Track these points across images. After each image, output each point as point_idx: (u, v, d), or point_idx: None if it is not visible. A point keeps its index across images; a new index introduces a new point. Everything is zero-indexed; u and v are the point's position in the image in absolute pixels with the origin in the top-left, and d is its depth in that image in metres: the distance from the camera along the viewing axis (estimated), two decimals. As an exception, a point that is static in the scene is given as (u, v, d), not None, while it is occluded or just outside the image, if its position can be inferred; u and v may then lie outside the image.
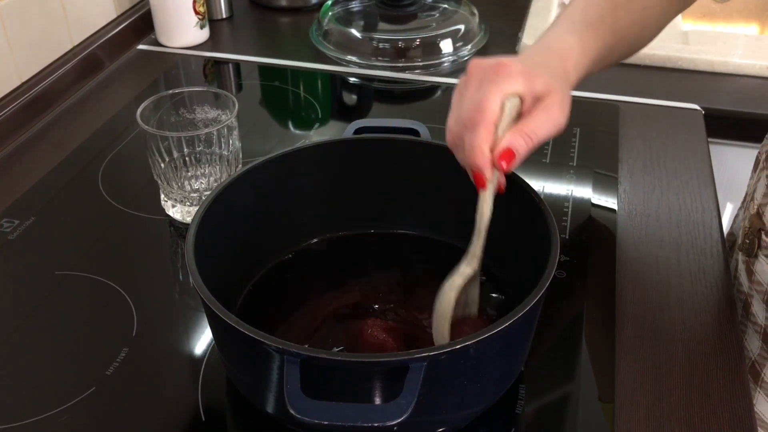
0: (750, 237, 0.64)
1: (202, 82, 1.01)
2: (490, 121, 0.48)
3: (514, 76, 0.49)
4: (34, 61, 0.90)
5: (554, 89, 0.51)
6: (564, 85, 0.53)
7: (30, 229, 0.71)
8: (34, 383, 0.56)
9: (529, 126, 0.49)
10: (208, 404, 0.54)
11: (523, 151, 0.49)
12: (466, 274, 0.51)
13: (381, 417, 0.40)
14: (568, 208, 0.73)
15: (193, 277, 0.48)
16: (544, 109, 0.50)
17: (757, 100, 0.93)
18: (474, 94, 0.50)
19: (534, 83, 0.50)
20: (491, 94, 0.48)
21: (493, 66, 0.50)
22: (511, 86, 0.49)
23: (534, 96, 0.50)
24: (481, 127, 0.48)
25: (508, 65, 0.50)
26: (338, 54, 1.02)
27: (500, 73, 0.49)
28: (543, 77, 0.50)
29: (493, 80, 0.49)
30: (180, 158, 0.69)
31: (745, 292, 0.65)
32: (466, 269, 0.51)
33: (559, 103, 0.51)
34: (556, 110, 0.50)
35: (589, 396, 0.55)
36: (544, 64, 0.53)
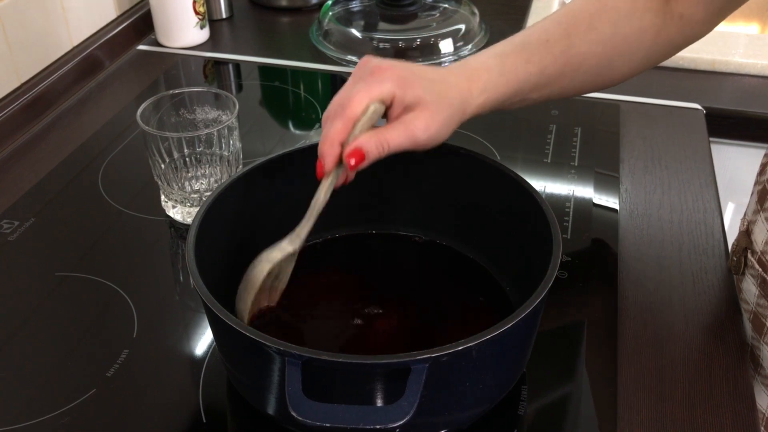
0: (737, 255, 0.64)
1: (202, 82, 1.01)
2: (349, 117, 0.50)
3: (386, 80, 0.50)
4: (33, 62, 0.89)
5: (426, 104, 0.51)
6: (445, 104, 0.52)
7: (30, 230, 0.71)
8: (35, 385, 0.56)
9: (385, 134, 0.50)
10: (208, 406, 0.54)
11: (372, 155, 0.50)
12: (286, 251, 0.53)
13: (383, 419, 0.40)
14: (570, 208, 0.73)
15: (193, 278, 0.47)
16: (404, 122, 0.51)
17: (758, 99, 0.93)
18: (348, 89, 0.52)
19: (406, 92, 0.51)
20: (359, 94, 0.50)
21: (372, 67, 0.52)
22: (379, 89, 0.50)
23: (403, 105, 0.51)
24: (338, 121, 0.50)
25: (386, 69, 0.51)
26: (338, 54, 1.02)
27: (375, 75, 0.51)
28: (419, 89, 0.51)
29: (367, 81, 0.51)
30: (180, 159, 0.68)
31: None
32: (287, 246, 0.53)
33: (426, 119, 0.51)
34: (418, 126, 0.51)
35: (591, 397, 0.54)
36: (436, 78, 0.53)
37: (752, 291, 0.62)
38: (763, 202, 0.61)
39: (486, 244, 0.61)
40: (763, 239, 0.60)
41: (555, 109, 0.89)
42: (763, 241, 0.60)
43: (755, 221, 0.62)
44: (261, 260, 0.53)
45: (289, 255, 0.53)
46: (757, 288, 0.61)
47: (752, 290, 0.62)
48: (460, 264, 0.62)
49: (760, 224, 0.60)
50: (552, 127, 0.86)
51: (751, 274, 0.62)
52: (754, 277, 0.61)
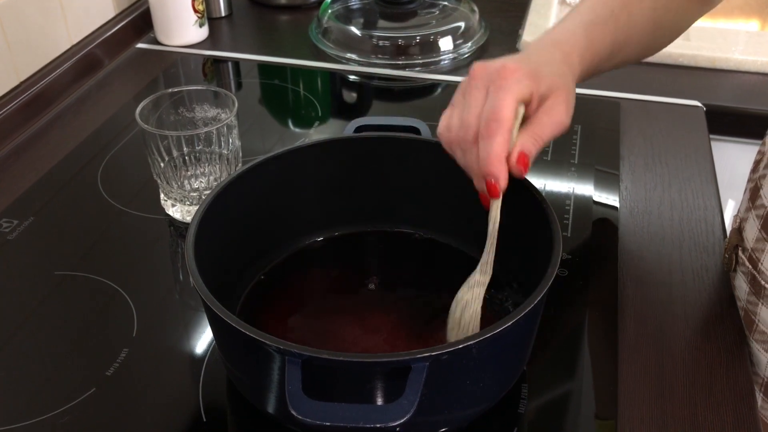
0: (729, 252, 0.64)
1: (202, 80, 1.00)
2: (507, 129, 0.48)
3: (523, 79, 0.49)
4: (32, 61, 0.89)
5: (558, 88, 0.51)
6: (568, 81, 0.53)
7: (29, 229, 0.70)
8: (34, 384, 0.56)
9: (536, 128, 0.50)
10: (208, 405, 0.54)
11: (533, 153, 0.50)
12: (484, 283, 0.51)
13: (383, 418, 0.40)
14: (570, 206, 0.73)
15: (193, 277, 0.47)
16: (547, 112, 0.51)
17: (758, 96, 0.93)
18: (482, 100, 0.49)
19: (540, 85, 0.50)
20: (506, 100, 0.48)
21: (499, 70, 0.49)
22: (521, 90, 0.49)
23: (540, 97, 0.50)
24: (498, 136, 0.48)
25: (514, 69, 0.49)
26: (338, 52, 1.02)
27: (509, 77, 0.49)
28: (547, 77, 0.51)
29: (503, 86, 0.48)
30: (179, 157, 0.68)
31: None
32: (482, 279, 0.51)
33: (563, 103, 0.51)
34: (560, 111, 0.51)
35: (592, 395, 0.54)
36: (547, 61, 0.53)
37: (743, 288, 0.62)
38: (755, 199, 0.61)
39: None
40: (753, 236, 0.60)
41: (555, 106, 0.89)
42: (754, 238, 0.60)
43: (747, 218, 0.62)
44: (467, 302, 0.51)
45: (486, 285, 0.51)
46: (747, 285, 0.61)
47: (743, 287, 0.62)
48: (460, 262, 0.62)
49: (751, 221, 0.61)
50: (552, 125, 0.85)
51: (742, 271, 0.62)
52: (745, 274, 0.61)
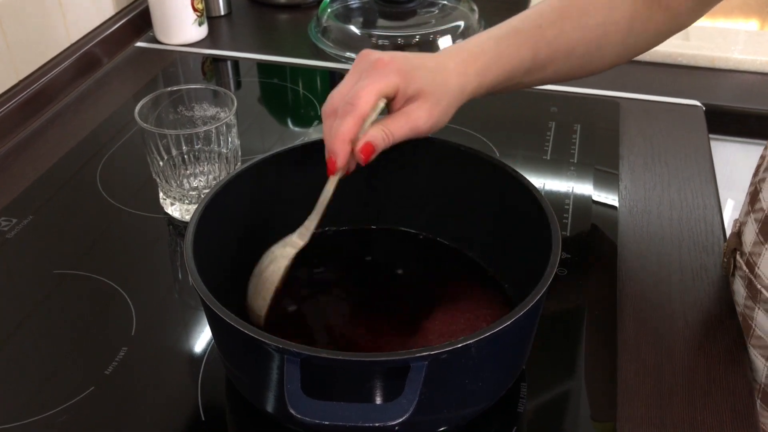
0: (727, 256, 0.64)
1: (201, 79, 1.00)
2: (359, 115, 0.51)
3: (389, 73, 0.51)
4: (31, 59, 0.89)
5: (427, 95, 0.52)
6: (445, 91, 0.53)
7: (28, 228, 0.70)
8: (33, 383, 0.56)
9: (391, 125, 0.52)
10: (207, 404, 0.53)
11: (380, 146, 0.51)
12: (298, 245, 0.54)
13: (382, 417, 0.40)
14: (569, 205, 0.73)
15: (192, 276, 0.47)
16: (406, 113, 0.52)
17: (757, 95, 0.93)
18: (353, 84, 0.52)
19: (408, 84, 0.52)
20: (367, 89, 0.51)
21: (374, 61, 0.52)
22: (383, 83, 0.51)
23: (406, 96, 0.52)
24: (349, 119, 0.51)
25: (387, 63, 0.52)
26: (337, 51, 1.02)
27: (379, 69, 0.52)
28: (420, 80, 0.52)
29: (371, 76, 0.52)
30: (179, 156, 0.68)
31: None
32: (298, 241, 0.54)
33: (427, 109, 0.52)
34: (419, 116, 0.52)
35: (590, 394, 0.54)
36: (432, 67, 0.54)
37: (741, 292, 0.62)
38: (754, 203, 0.61)
39: (485, 241, 0.61)
40: (751, 240, 0.60)
41: (554, 106, 0.89)
42: (752, 242, 0.60)
43: (746, 222, 0.61)
44: (276, 257, 0.53)
45: (300, 248, 0.54)
46: (744, 289, 0.61)
47: (741, 292, 0.62)
48: (459, 261, 0.62)
49: (749, 225, 0.60)
50: (551, 124, 0.85)
51: (740, 275, 0.62)
52: (743, 278, 0.61)
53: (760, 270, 0.59)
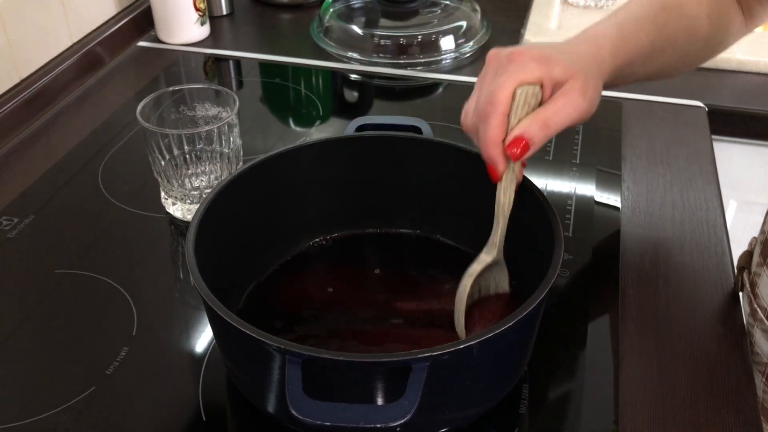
0: (739, 273, 0.64)
1: (203, 79, 1.00)
2: (500, 112, 0.48)
3: (527, 63, 0.48)
4: (33, 58, 0.89)
5: (575, 74, 0.49)
6: (591, 70, 0.51)
7: (29, 228, 0.70)
8: (34, 383, 0.55)
9: (545, 113, 0.48)
10: (208, 404, 0.53)
11: (537, 138, 0.48)
12: (484, 262, 0.52)
13: (384, 418, 0.40)
14: (572, 206, 0.73)
15: (193, 276, 0.47)
16: (563, 95, 0.49)
17: (760, 96, 0.92)
18: (489, 85, 0.49)
19: (551, 69, 0.49)
20: (503, 84, 0.48)
21: (508, 55, 0.49)
22: (524, 74, 0.48)
23: (553, 82, 0.49)
24: (491, 119, 0.48)
25: (522, 53, 0.49)
26: (339, 51, 1.02)
27: (513, 61, 0.49)
28: (562, 63, 0.49)
29: (506, 69, 0.48)
30: (180, 156, 0.68)
31: None
32: (485, 257, 0.52)
33: (581, 87, 0.49)
34: (576, 95, 0.49)
35: (592, 395, 0.54)
36: (569, 51, 0.52)
37: (746, 309, 0.62)
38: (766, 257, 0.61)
39: (487, 242, 0.61)
40: (756, 260, 0.60)
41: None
42: (756, 262, 0.60)
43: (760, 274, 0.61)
44: (463, 278, 0.52)
45: (488, 265, 0.52)
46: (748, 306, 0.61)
47: (746, 308, 0.62)
48: (461, 262, 0.62)
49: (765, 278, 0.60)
50: (553, 125, 0.85)
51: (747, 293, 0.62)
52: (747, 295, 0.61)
53: (759, 289, 0.59)
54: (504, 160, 0.49)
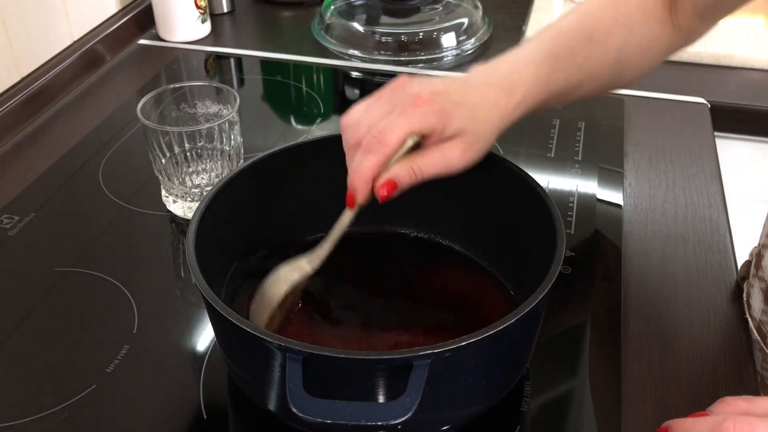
0: (742, 282, 0.64)
1: (204, 76, 1.00)
2: (384, 154, 0.48)
3: (429, 115, 0.48)
4: (34, 57, 0.89)
5: (465, 134, 0.50)
6: (486, 128, 0.51)
7: (30, 226, 0.70)
8: (35, 381, 0.55)
9: (418, 162, 0.49)
10: (209, 402, 0.53)
11: (405, 183, 0.49)
12: (304, 271, 0.52)
13: (385, 415, 0.40)
14: (573, 203, 0.72)
15: (194, 274, 0.47)
16: (441, 150, 0.49)
17: (763, 93, 0.92)
18: (384, 114, 0.49)
19: (446, 126, 0.49)
20: (398, 128, 0.48)
21: (414, 95, 0.49)
22: (421, 125, 0.48)
23: (440, 137, 0.49)
24: (373, 157, 0.48)
25: (426, 102, 0.48)
26: (340, 48, 1.01)
27: (417, 107, 0.48)
28: (459, 120, 0.49)
29: (405, 112, 0.48)
30: (181, 153, 0.68)
31: None
32: (306, 266, 0.52)
33: (463, 149, 0.50)
34: (454, 154, 0.50)
35: (594, 393, 0.54)
36: (472, 105, 0.51)
37: None
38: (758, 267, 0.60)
39: (489, 239, 0.60)
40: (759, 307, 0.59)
41: (558, 103, 0.89)
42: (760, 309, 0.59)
43: (753, 285, 0.61)
44: (279, 279, 0.52)
45: (306, 276, 0.52)
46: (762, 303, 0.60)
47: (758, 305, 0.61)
48: (463, 260, 0.62)
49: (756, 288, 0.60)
50: (555, 122, 0.85)
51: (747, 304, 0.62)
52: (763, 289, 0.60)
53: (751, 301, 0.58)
54: (367, 194, 0.49)
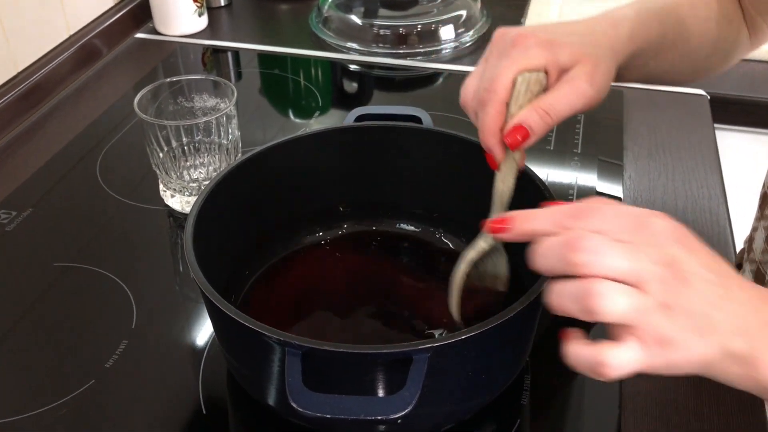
0: (737, 269, 0.63)
1: (201, 70, 1.00)
2: (497, 100, 0.46)
3: (531, 48, 0.46)
4: (30, 51, 0.89)
5: (583, 58, 0.47)
6: (603, 52, 0.49)
7: (28, 221, 0.70)
8: (33, 376, 0.55)
9: (546, 100, 0.46)
10: (208, 397, 0.53)
11: (538, 127, 0.46)
12: (480, 248, 0.51)
13: (385, 410, 0.39)
14: (573, 196, 0.72)
15: (192, 269, 0.47)
16: (567, 81, 0.47)
17: (763, 84, 0.92)
18: (490, 69, 0.48)
19: (557, 54, 0.47)
20: (503, 70, 0.46)
21: (512, 38, 0.47)
22: (526, 61, 0.46)
23: (559, 68, 0.47)
24: (489, 107, 0.46)
25: (526, 37, 0.47)
26: (338, 41, 1.01)
27: (517, 46, 0.46)
28: (570, 47, 0.47)
29: (509, 54, 0.46)
30: (179, 147, 0.68)
31: None
32: (482, 244, 0.51)
33: (588, 73, 0.47)
34: (582, 82, 0.47)
35: (595, 385, 0.54)
36: (582, 31, 0.49)
37: None
38: (765, 207, 0.59)
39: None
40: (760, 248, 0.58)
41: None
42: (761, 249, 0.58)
43: (756, 228, 0.60)
44: (458, 263, 0.51)
45: (486, 251, 0.51)
46: None
47: None
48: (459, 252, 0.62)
49: (760, 231, 0.59)
50: (554, 114, 0.85)
51: None
52: None
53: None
54: (502, 149, 0.47)
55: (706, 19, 0.57)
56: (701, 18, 0.57)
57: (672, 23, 0.55)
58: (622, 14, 0.52)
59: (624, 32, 0.51)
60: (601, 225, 0.37)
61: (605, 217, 0.37)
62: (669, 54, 0.56)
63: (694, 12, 0.57)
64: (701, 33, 0.58)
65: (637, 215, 0.38)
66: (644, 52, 0.53)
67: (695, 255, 0.36)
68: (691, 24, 0.56)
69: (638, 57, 0.53)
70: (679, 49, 0.57)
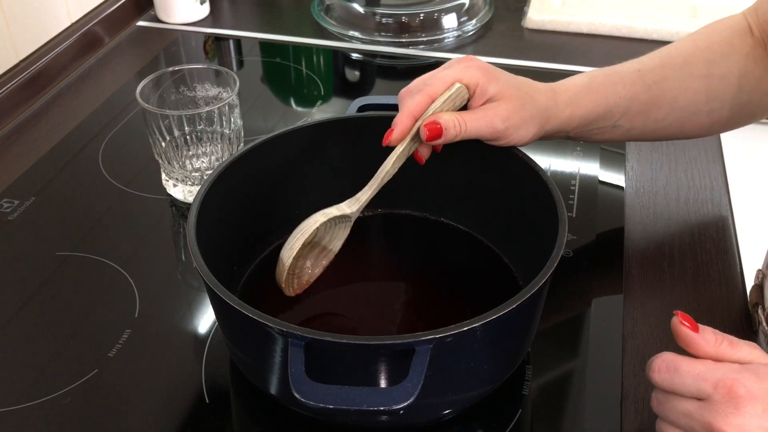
0: (753, 309, 0.59)
1: (203, 59, 0.99)
2: (428, 93, 0.51)
3: (473, 68, 0.52)
4: (31, 39, 0.88)
5: (509, 97, 0.52)
6: (529, 105, 0.53)
7: (30, 210, 0.70)
8: (36, 366, 0.55)
9: (465, 115, 0.52)
10: (211, 386, 0.53)
11: (450, 132, 0.51)
12: (343, 211, 0.53)
13: (387, 400, 0.40)
14: (575, 186, 0.72)
15: (194, 258, 0.47)
16: (485, 109, 0.52)
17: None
18: (434, 72, 0.53)
19: (490, 82, 0.52)
20: (444, 74, 0.52)
21: (464, 59, 0.54)
22: (464, 75, 0.52)
23: (485, 95, 0.52)
24: (418, 95, 0.51)
25: (473, 60, 0.53)
26: (340, 29, 1.01)
27: (462, 63, 0.53)
28: (503, 84, 0.52)
29: (453, 66, 0.53)
30: (181, 137, 0.68)
31: None
32: (345, 207, 0.53)
33: (506, 110, 0.52)
34: (498, 113, 0.52)
35: (596, 376, 0.54)
36: (523, 83, 0.54)
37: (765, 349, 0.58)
38: None
39: (491, 222, 0.60)
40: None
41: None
42: None
43: None
44: (316, 213, 0.53)
45: (344, 216, 0.53)
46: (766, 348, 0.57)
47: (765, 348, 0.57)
48: (466, 243, 0.62)
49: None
50: (557, 104, 0.84)
51: (763, 332, 0.57)
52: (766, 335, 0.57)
53: None
54: (404, 131, 0.51)
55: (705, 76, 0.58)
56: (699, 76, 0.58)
57: (645, 85, 0.57)
58: (571, 82, 0.57)
59: (564, 98, 0.55)
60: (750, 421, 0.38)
61: None
62: (651, 114, 0.58)
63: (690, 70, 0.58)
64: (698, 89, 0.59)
65: None
66: (606, 114, 0.57)
67: None
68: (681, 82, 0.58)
69: (594, 119, 0.57)
70: (664, 108, 0.59)
